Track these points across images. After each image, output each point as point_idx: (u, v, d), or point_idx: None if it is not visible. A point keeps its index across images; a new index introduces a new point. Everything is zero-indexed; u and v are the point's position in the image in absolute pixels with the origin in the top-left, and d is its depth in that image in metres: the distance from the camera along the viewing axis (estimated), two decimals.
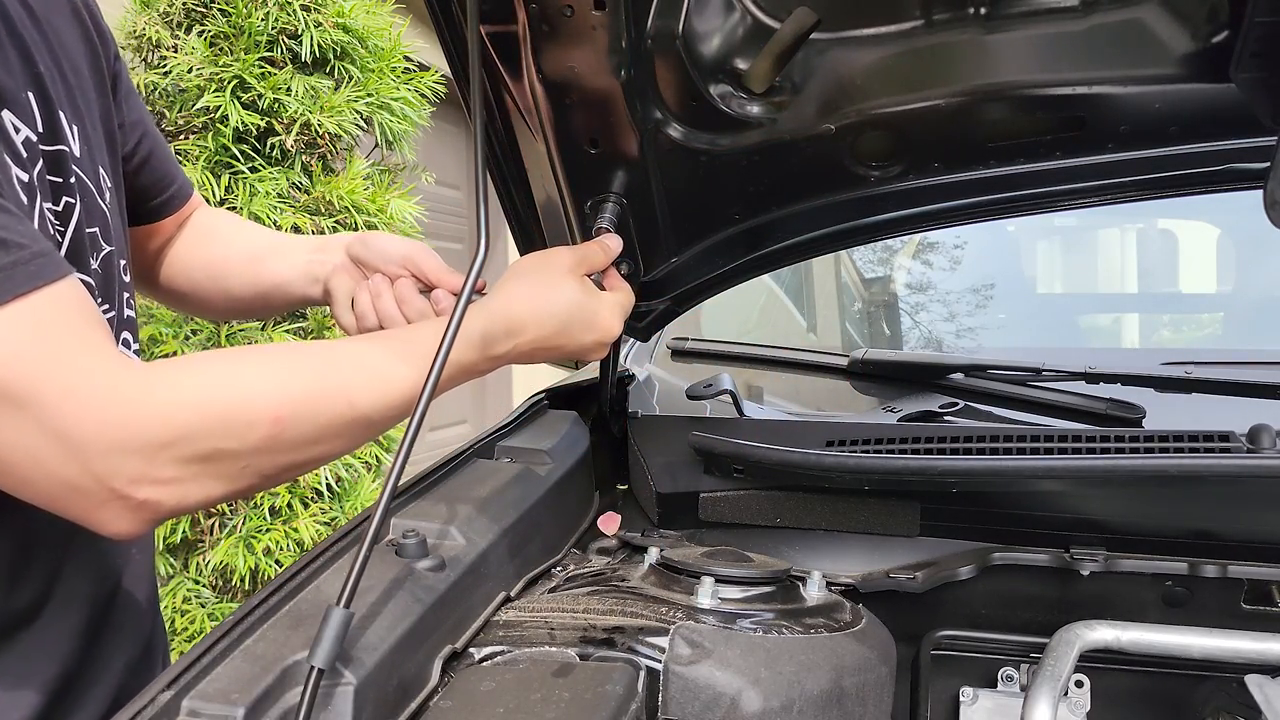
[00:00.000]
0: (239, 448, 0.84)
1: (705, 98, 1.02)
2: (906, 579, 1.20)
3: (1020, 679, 1.27)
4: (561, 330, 1.04)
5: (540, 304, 1.04)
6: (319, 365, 0.94)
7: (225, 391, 0.86)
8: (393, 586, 0.87)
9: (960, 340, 2.27)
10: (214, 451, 0.83)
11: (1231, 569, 1.19)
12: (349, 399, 0.91)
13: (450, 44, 0.95)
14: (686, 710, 0.91)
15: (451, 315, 0.86)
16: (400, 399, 0.93)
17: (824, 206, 1.20)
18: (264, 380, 0.89)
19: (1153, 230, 2.43)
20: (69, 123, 1.00)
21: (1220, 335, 2.31)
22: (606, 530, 1.30)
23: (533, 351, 1.05)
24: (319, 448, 0.90)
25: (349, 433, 0.92)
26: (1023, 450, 1.13)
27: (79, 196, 0.99)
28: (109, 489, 0.79)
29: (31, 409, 0.77)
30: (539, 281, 1.05)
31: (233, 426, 0.84)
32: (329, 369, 0.93)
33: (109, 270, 1.05)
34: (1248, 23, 0.93)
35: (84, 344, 0.81)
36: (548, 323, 1.03)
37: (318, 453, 0.90)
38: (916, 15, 0.97)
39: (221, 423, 0.84)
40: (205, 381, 0.87)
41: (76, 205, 0.98)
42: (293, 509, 2.97)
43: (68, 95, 1.02)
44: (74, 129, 1.01)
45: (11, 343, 0.76)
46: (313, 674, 0.70)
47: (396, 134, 3.27)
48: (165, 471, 0.81)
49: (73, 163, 0.99)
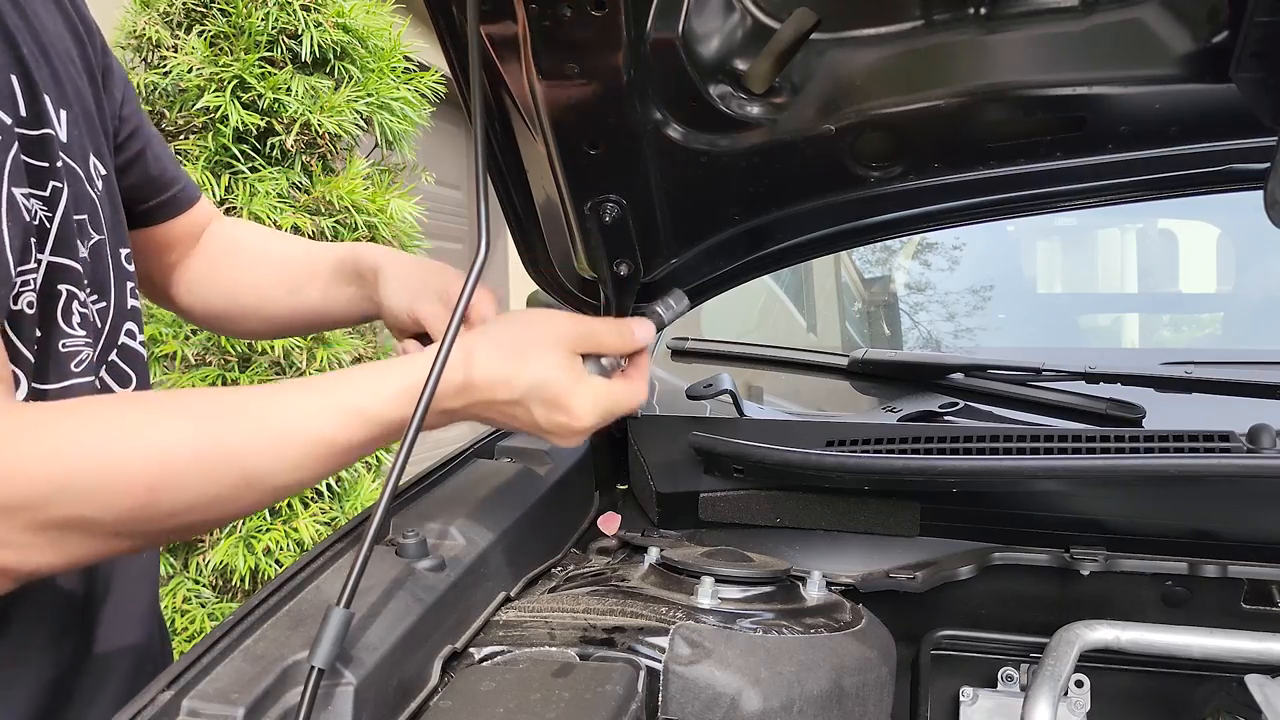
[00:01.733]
0: (102, 516, 0.76)
1: (705, 98, 1.02)
2: (906, 579, 1.20)
3: (1020, 679, 1.27)
4: (517, 402, 0.91)
5: (502, 368, 0.91)
6: (214, 423, 0.81)
7: (94, 452, 0.76)
8: (393, 586, 0.87)
9: (960, 340, 2.27)
10: (75, 519, 0.75)
11: (1231, 569, 1.19)
12: (242, 464, 0.80)
13: (450, 44, 0.95)
14: (686, 710, 0.91)
15: (453, 314, 0.85)
16: (301, 459, 0.82)
17: (824, 207, 1.20)
18: (144, 439, 0.78)
19: (1153, 230, 2.43)
20: (55, 107, 0.95)
21: (1220, 335, 2.32)
22: (606, 530, 1.30)
23: (487, 415, 0.94)
24: (202, 514, 0.81)
25: (243, 498, 0.82)
26: (1023, 450, 1.13)
27: (66, 182, 0.95)
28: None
29: None
30: (515, 341, 0.93)
31: (97, 493, 0.75)
32: (225, 427, 0.81)
33: (99, 259, 1.01)
34: (1248, 23, 0.92)
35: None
36: (501, 390, 0.91)
37: (201, 518, 0.81)
38: (916, 15, 0.97)
39: (84, 489, 0.74)
40: (74, 438, 0.77)
41: (64, 190, 0.94)
42: (293, 509, 2.97)
43: (54, 80, 0.97)
44: (61, 114, 0.96)
45: None
46: (313, 674, 0.70)
47: (396, 134, 3.27)
48: (17, 537, 0.73)
49: (59, 148, 0.94)
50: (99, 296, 1.01)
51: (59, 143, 0.95)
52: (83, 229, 0.98)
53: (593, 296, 1.25)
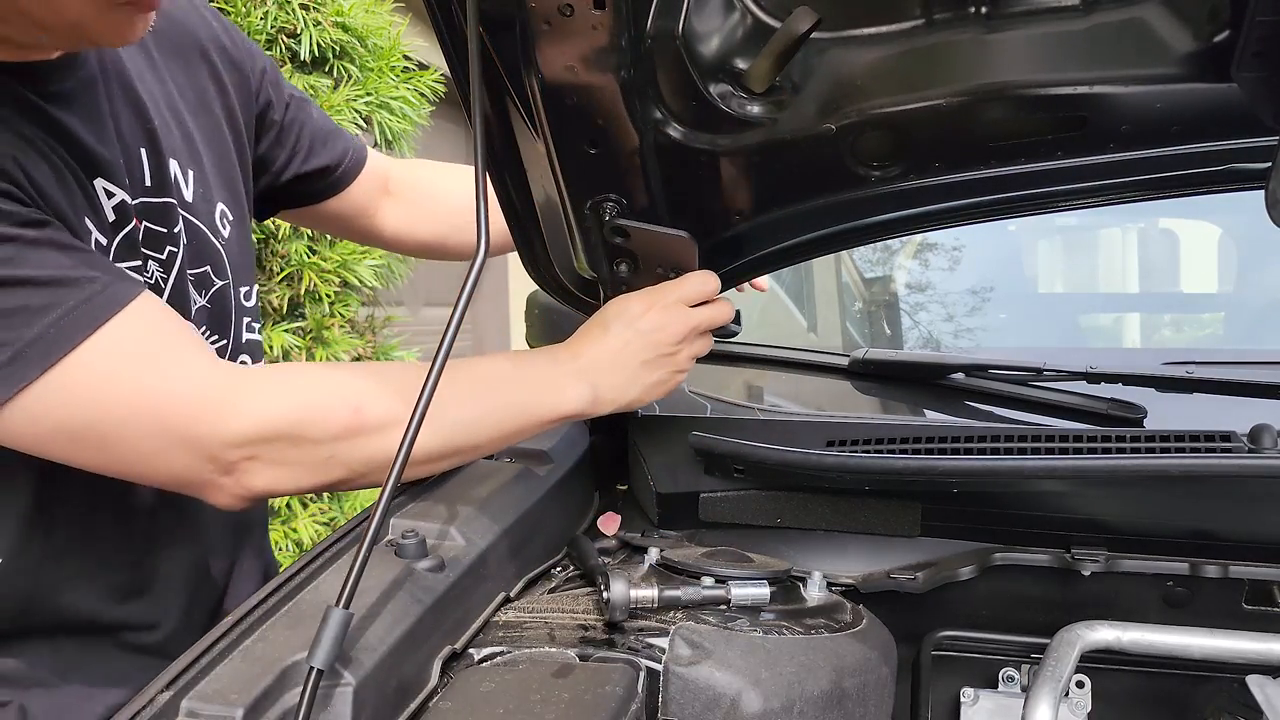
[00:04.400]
0: (320, 436, 0.93)
1: (705, 98, 1.02)
2: (907, 579, 1.19)
3: (1021, 679, 1.27)
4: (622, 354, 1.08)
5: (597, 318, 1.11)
6: (398, 372, 1.03)
7: (308, 384, 0.97)
8: (392, 587, 0.86)
9: (961, 340, 2.27)
10: (297, 438, 0.92)
11: (1233, 569, 1.19)
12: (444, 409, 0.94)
13: (450, 44, 0.95)
14: (686, 711, 0.90)
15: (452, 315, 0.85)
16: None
17: (824, 207, 1.20)
18: (346, 378, 1.00)
19: (1154, 230, 2.43)
20: (182, 169, 1.11)
21: (1221, 335, 2.31)
22: (606, 530, 1.29)
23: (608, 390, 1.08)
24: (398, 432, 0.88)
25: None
26: (1024, 450, 1.13)
27: (187, 241, 1.10)
28: (206, 477, 0.92)
29: (131, 417, 0.88)
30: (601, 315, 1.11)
31: (314, 414, 0.94)
32: (406, 377, 0.99)
33: (221, 303, 1.16)
34: (1249, 22, 0.92)
35: (169, 350, 0.91)
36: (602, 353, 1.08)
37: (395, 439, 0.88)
38: (917, 15, 0.97)
39: (304, 411, 0.93)
40: (291, 379, 0.99)
41: (180, 253, 1.09)
42: (292, 509, 2.97)
43: (184, 142, 1.12)
44: (188, 174, 1.12)
45: (107, 365, 0.87)
46: (312, 674, 0.70)
47: (396, 133, 3.27)
48: (256, 455, 0.92)
49: (181, 209, 1.09)
50: (219, 335, 1.17)
51: (181, 204, 1.10)
52: (203, 280, 1.14)
53: (593, 296, 1.25)
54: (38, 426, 0.87)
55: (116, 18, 0.90)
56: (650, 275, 1.15)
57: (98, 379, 0.87)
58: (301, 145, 1.34)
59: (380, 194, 1.48)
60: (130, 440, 0.89)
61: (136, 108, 1.05)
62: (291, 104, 1.33)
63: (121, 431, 0.88)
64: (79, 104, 0.98)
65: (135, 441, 0.89)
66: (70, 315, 0.85)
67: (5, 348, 0.83)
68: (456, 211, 1.50)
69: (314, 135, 1.36)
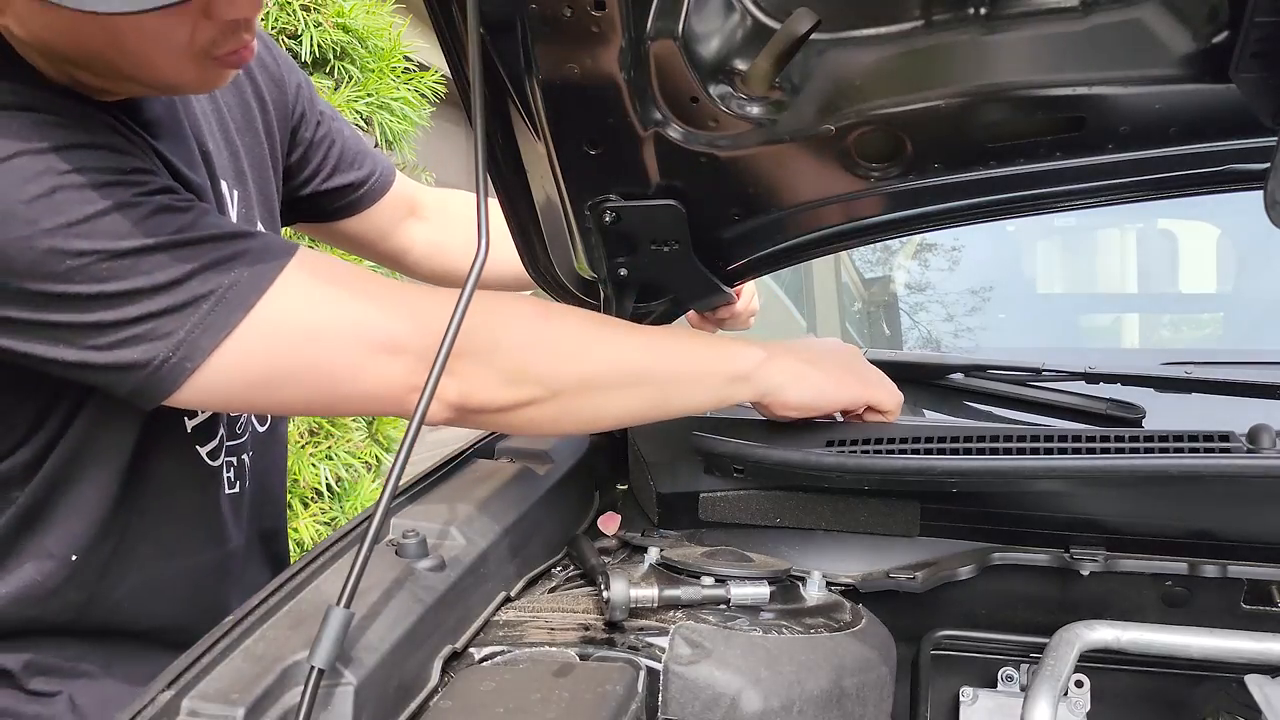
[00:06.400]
0: (510, 344, 1.00)
1: (705, 98, 1.02)
2: (906, 579, 1.19)
3: (1020, 679, 1.27)
4: (815, 359, 1.17)
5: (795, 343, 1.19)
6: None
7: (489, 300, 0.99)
8: (393, 586, 0.87)
9: (960, 340, 2.27)
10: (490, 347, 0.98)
11: (1232, 569, 1.19)
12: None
13: (450, 44, 0.95)
14: (686, 710, 0.91)
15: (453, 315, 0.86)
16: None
17: (824, 207, 1.20)
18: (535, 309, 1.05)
19: (1153, 230, 2.43)
20: (229, 190, 1.14)
21: (1220, 335, 2.32)
22: (606, 530, 1.30)
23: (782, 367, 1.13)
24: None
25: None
26: (1023, 450, 1.13)
27: None
28: (413, 381, 0.94)
29: (335, 337, 0.93)
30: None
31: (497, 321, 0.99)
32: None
33: None
34: (1248, 23, 0.92)
35: (351, 272, 0.97)
36: (795, 349, 1.17)
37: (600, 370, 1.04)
38: (916, 15, 0.97)
39: (487, 319, 0.97)
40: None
41: None
42: (292, 509, 2.97)
43: (231, 161, 1.16)
44: (233, 194, 1.14)
45: (301, 293, 0.92)
46: (313, 674, 0.70)
47: (396, 134, 3.27)
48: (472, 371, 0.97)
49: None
50: None
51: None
52: None
53: (593, 296, 1.25)
54: (248, 363, 0.91)
55: (209, 74, 0.96)
56: (646, 253, 1.15)
57: (298, 305, 0.92)
58: (327, 162, 1.36)
59: (405, 218, 1.49)
60: (332, 360, 0.94)
61: (195, 130, 1.09)
62: (323, 120, 1.35)
63: (324, 354, 0.93)
64: (167, 131, 1.04)
65: (338, 359, 0.94)
66: (257, 260, 0.91)
67: (209, 296, 0.88)
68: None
69: (341, 153, 1.38)
